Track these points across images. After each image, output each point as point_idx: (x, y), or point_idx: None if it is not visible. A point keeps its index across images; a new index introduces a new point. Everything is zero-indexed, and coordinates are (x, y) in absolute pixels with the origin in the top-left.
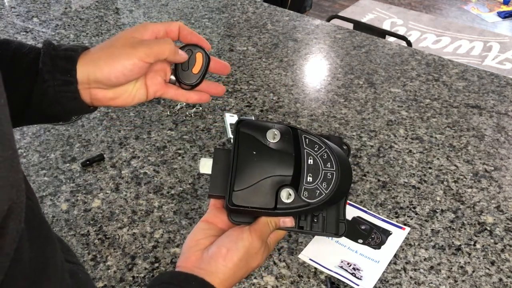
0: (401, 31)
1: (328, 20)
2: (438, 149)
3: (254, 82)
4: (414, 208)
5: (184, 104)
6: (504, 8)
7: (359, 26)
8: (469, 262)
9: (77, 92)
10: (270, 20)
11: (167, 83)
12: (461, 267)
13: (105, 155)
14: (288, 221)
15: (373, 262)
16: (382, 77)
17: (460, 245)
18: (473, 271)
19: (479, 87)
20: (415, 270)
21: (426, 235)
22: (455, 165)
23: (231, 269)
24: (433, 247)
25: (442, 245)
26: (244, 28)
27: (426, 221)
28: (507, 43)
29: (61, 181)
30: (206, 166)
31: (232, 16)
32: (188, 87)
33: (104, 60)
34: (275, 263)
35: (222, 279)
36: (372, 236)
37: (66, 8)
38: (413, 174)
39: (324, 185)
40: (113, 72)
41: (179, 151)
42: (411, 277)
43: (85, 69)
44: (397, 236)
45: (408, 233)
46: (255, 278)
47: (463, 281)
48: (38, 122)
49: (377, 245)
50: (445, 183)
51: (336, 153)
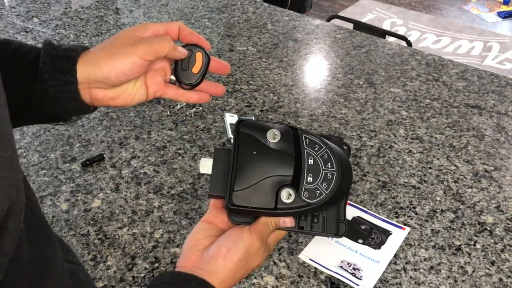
0: (401, 31)
1: (328, 20)
2: (438, 149)
3: (254, 82)
4: (414, 208)
5: (184, 104)
6: (504, 8)
7: (359, 26)
8: (469, 262)
9: (77, 92)
10: (270, 20)
11: (167, 83)
12: (461, 267)
13: (105, 155)
14: (288, 221)
15: (373, 262)
16: (382, 77)
17: (460, 245)
18: (473, 271)
19: (479, 87)
20: (415, 270)
21: (426, 235)
22: (455, 165)
23: (231, 269)
24: (433, 247)
25: (442, 245)
26: (244, 28)
27: (426, 221)
28: (507, 43)
29: (61, 181)
30: (206, 166)
31: (232, 16)
32: (188, 87)
33: (104, 60)
34: (275, 263)
35: (222, 279)
36: (372, 236)
37: (66, 8)
38: (413, 174)
39: (325, 185)
40: (113, 71)
41: (179, 151)
42: (411, 277)
43: (85, 69)
44: (397, 236)
45: (408, 233)
46: (255, 278)
47: (463, 281)
48: (38, 122)
49: (377, 245)
50: (445, 183)
51: (337, 153)
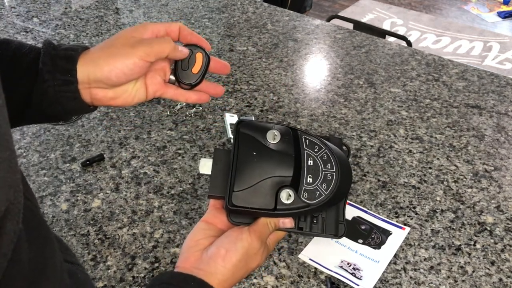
0: (401, 31)
1: (328, 20)
2: (438, 149)
3: (254, 82)
4: (414, 208)
5: (184, 104)
6: (504, 8)
7: (359, 26)
8: (469, 262)
9: (78, 92)
10: (270, 20)
11: (167, 83)
12: (461, 267)
13: (105, 155)
14: (288, 222)
15: (373, 262)
16: (382, 77)
17: (460, 245)
18: (473, 271)
19: (479, 87)
20: (415, 270)
21: (426, 235)
22: (455, 165)
23: (230, 270)
24: (433, 247)
25: (442, 245)
26: (244, 28)
27: (426, 221)
28: (507, 43)
29: (61, 181)
30: (206, 167)
31: (232, 16)
32: (188, 87)
33: (104, 60)
34: (275, 263)
35: (221, 280)
36: (372, 236)
37: (66, 8)
38: (413, 174)
39: (324, 186)
40: (114, 71)
41: (179, 151)
42: (411, 277)
43: (85, 69)
44: (397, 236)
45: (408, 233)
46: (255, 278)
47: (463, 281)
48: (38, 122)
49: (377, 245)
50: (445, 183)
51: (336, 154)
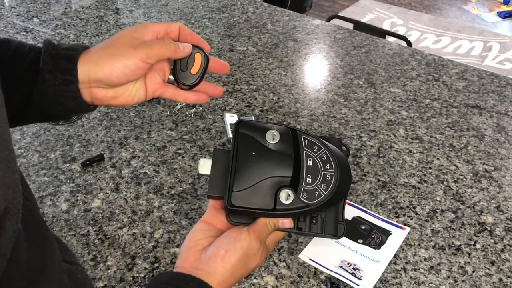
0: (401, 31)
1: (328, 20)
2: (438, 149)
3: (254, 82)
4: (414, 208)
5: (184, 104)
6: (504, 8)
7: (359, 26)
8: (469, 262)
9: (78, 92)
10: (270, 20)
11: (166, 83)
12: (461, 267)
13: (105, 155)
14: (287, 222)
15: (373, 262)
16: (382, 77)
17: (460, 245)
18: (473, 271)
19: (479, 87)
20: (415, 270)
21: (426, 235)
22: (455, 165)
23: (229, 270)
24: (433, 247)
25: (442, 245)
26: (244, 28)
27: (426, 221)
28: (507, 43)
29: (61, 181)
30: (205, 167)
31: (232, 16)
32: (187, 87)
33: (105, 60)
34: (275, 263)
35: (220, 280)
36: (372, 236)
37: (66, 8)
38: (413, 174)
39: (323, 187)
40: (115, 72)
41: (179, 151)
42: (411, 277)
43: (86, 68)
44: (397, 236)
45: (408, 233)
46: (255, 278)
47: (463, 281)
48: (38, 121)
49: (377, 245)
50: (445, 183)
51: (335, 155)
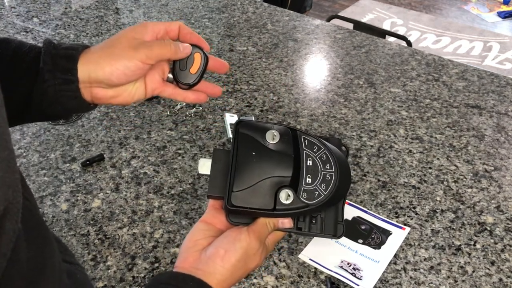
0: (401, 31)
1: (328, 20)
2: (438, 149)
3: (254, 82)
4: (414, 208)
5: (184, 104)
6: (504, 8)
7: (359, 26)
8: (469, 262)
9: (78, 91)
10: (270, 20)
11: (165, 81)
12: (461, 267)
13: (105, 155)
14: (287, 222)
15: (373, 262)
16: (382, 77)
17: (460, 245)
18: (473, 271)
19: (479, 87)
20: (415, 270)
21: (426, 235)
22: (455, 165)
23: (229, 270)
24: (433, 247)
25: (442, 245)
26: (244, 28)
27: (426, 221)
28: (507, 43)
29: (61, 181)
30: (205, 167)
31: (232, 16)
32: (186, 87)
33: (106, 60)
34: (275, 263)
35: (220, 280)
36: (372, 236)
37: (66, 8)
38: (413, 174)
39: (323, 187)
40: (115, 73)
41: (179, 151)
42: (411, 277)
43: (86, 68)
44: (397, 236)
45: (408, 233)
46: (255, 278)
47: (463, 281)
48: (38, 121)
49: (377, 245)
50: (445, 183)
51: (335, 155)
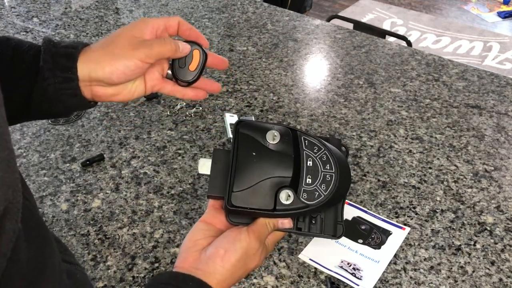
0: (401, 31)
1: (328, 20)
2: (438, 149)
3: (254, 82)
4: (414, 208)
5: (184, 104)
6: (504, 8)
7: (359, 26)
8: (469, 262)
9: (78, 89)
10: (270, 20)
11: (164, 78)
12: (461, 267)
13: (105, 155)
14: (287, 223)
15: (373, 262)
16: (382, 77)
17: (460, 245)
18: (473, 271)
19: (479, 87)
20: (415, 270)
21: (426, 235)
22: (455, 165)
23: (229, 270)
24: (433, 247)
25: (442, 245)
26: (244, 28)
27: (426, 221)
28: (507, 43)
29: (61, 181)
30: (205, 167)
31: (232, 16)
32: (185, 84)
33: (106, 60)
34: (275, 263)
35: (220, 280)
36: (372, 236)
37: (66, 8)
38: (413, 174)
39: (323, 187)
40: (115, 72)
41: (179, 151)
42: (411, 277)
43: (86, 67)
44: (397, 236)
45: (408, 233)
46: (255, 278)
47: (463, 281)
48: (38, 119)
49: (377, 245)
50: (445, 183)
51: (335, 155)
